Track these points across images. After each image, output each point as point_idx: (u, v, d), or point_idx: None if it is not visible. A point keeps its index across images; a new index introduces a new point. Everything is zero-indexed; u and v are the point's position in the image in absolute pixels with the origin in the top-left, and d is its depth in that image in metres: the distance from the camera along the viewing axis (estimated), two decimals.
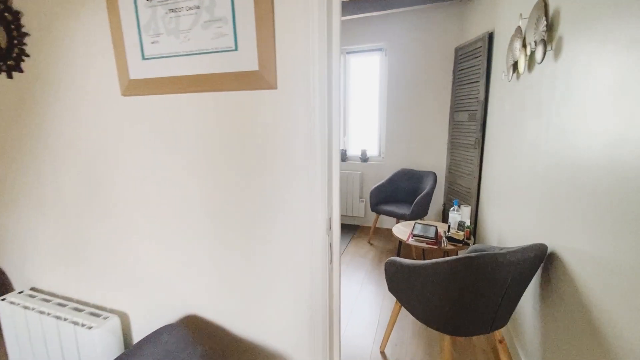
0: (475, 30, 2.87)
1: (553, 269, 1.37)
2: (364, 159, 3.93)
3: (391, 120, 3.75)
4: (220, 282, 1.18)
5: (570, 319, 1.21)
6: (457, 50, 3.10)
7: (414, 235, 2.40)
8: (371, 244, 3.46)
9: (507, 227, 1.99)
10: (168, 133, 1.11)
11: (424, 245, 2.32)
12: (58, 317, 1.30)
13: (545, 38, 1.43)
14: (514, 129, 1.92)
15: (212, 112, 1.02)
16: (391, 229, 2.63)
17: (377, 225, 3.97)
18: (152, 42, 0.97)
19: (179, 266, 1.23)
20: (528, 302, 1.62)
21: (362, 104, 3.95)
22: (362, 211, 4.01)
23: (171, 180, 1.15)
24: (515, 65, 1.87)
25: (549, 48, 1.43)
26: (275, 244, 1.07)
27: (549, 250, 1.41)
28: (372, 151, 3.99)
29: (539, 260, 1.37)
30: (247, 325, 1.19)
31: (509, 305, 1.45)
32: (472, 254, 1.34)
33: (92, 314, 1.32)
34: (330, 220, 1.01)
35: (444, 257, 2.95)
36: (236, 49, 0.89)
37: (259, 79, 0.88)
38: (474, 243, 2.74)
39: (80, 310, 1.34)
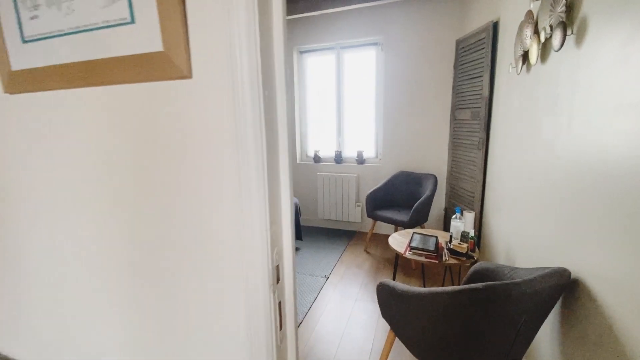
0: (478, 20, 2.67)
1: (577, 299, 1.17)
2: (360, 160, 3.70)
3: (389, 120, 3.53)
4: (129, 345, 0.92)
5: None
6: (458, 42, 2.91)
7: (412, 248, 2.15)
8: (368, 253, 3.26)
9: (516, 239, 1.75)
10: (64, 145, 0.85)
11: (423, 259, 2.06)
12: None
13: (565, 20, 1.23)
14: (524, 127, 1.71)
15: (105, 115, 0.75)
16: (389, 236, 2.39)
17: (374, 231, 3.75)
18: (32, 18, 0.71)
19: (79, 318, 0.97)
20: (546, 335, 1.38)
21: (358, 102, 3.74)
22: (358, 216, 3.78)
23: (67, 206, 0.89)
24: (525, 56, 1.67)
25: (569, 32, 1.23)
26: (186, 304, 0.80)
27: (572, 276, 1.17)
28: (369, 152, 3.76)
29: (561, 289, 1.14)
30: None
31: (523, 342, 1.21)
32: (479, 286, 1.09)
33: None
34: (277, 269, 0.69)
35: (445, 271, 2.73)
36: (133, 21, 0.62)
37: (165, 64, 0.61)
38: (479, 255, 2.48)
39: None
